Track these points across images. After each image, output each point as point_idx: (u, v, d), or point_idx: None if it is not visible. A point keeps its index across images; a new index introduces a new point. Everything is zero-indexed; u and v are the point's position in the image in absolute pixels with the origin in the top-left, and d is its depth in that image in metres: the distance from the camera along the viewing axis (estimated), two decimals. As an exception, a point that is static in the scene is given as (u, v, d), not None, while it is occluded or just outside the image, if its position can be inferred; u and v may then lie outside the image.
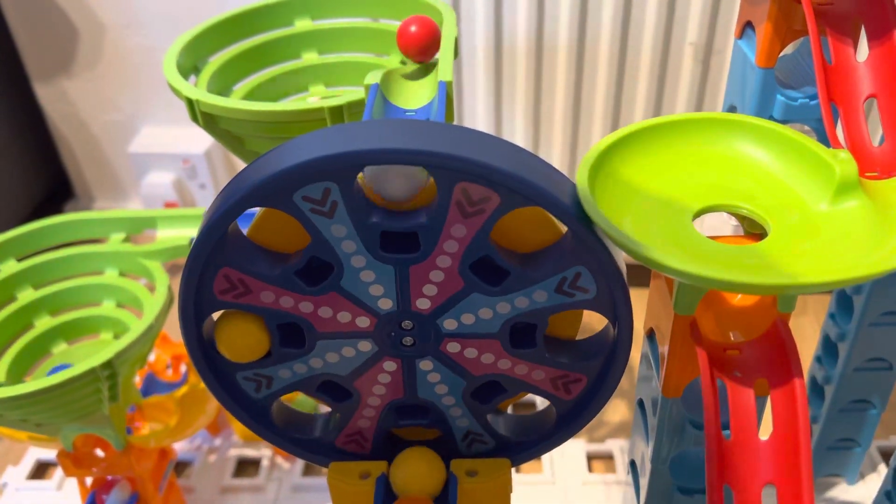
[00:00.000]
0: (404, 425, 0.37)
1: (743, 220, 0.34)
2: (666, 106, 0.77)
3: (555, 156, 0.82)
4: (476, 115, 0.80)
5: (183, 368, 0.73)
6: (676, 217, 0.31)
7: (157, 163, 0.96)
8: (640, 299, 0.32)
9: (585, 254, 0.31)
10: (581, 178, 0.31)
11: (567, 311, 0.34)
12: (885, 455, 0.68)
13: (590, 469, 0.70)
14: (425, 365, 0.35)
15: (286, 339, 0.35)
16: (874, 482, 0.66)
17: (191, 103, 0.43)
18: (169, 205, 0.97)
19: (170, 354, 0.73)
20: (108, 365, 0.48)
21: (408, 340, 0.34)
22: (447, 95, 0.39)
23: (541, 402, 0.73)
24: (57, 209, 1.06)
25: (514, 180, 0.29)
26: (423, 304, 0.33)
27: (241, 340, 0.33)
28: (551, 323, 0.34)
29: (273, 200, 0.30)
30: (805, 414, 0.29)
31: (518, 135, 0.81)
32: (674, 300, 0.31)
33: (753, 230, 0.34)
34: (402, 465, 0.37)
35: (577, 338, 0.36)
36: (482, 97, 0.78)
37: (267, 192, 0.29)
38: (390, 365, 0.35)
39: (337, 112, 0.42)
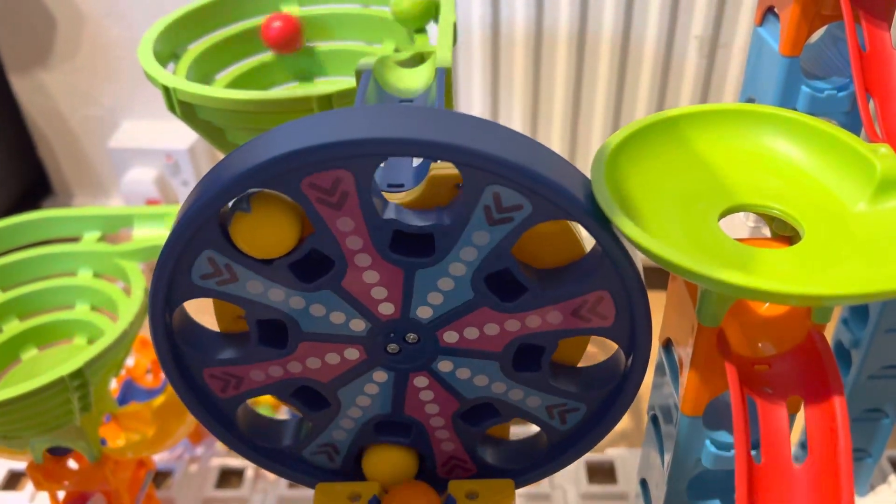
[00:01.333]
0: (382, 441, 0.34)
1: (771, 221, 0.31)
2: (669, 100, 0.75)
3: (553, 149, 0.79)
4: (472, 106, 0.76)
5: (164, 374, 0.69)
6: (701, 218, 0.28)
7: (139, 159, 0.92)
8: (654, 303, 0.30)
9: (613, 277, 0.28)
10: (596, 173, 0.28)
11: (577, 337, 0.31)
12: (897, 466, 0.66)
13: (589, 480, 0.67)
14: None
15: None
16: (885, 494, 0.63)
17: (167, 91, 0.40)
18: (151, 202, 0.93)
19: (150, 359, 0.70)
20: (78, 374, 0.45)
21: (393, 348, 0.31)
22: (446, 83, 0.36)
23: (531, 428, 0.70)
24: (34, 206, 1.02)
25: (553, 190, 0.26)
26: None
27: (265, 232, 0.28)
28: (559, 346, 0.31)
29: (276, 184, 0.26)
30: (847, 435, 0.26)
31: (515, 127, 0.78)
32: (698, 309, 0.28)
33: (782, 232, 0.31)
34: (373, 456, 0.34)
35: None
36: (478, 87, 0.75)
37: (270, 174, 0.25)
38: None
39: (325, 101, 0.39)
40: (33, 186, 1.04)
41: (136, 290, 0.50)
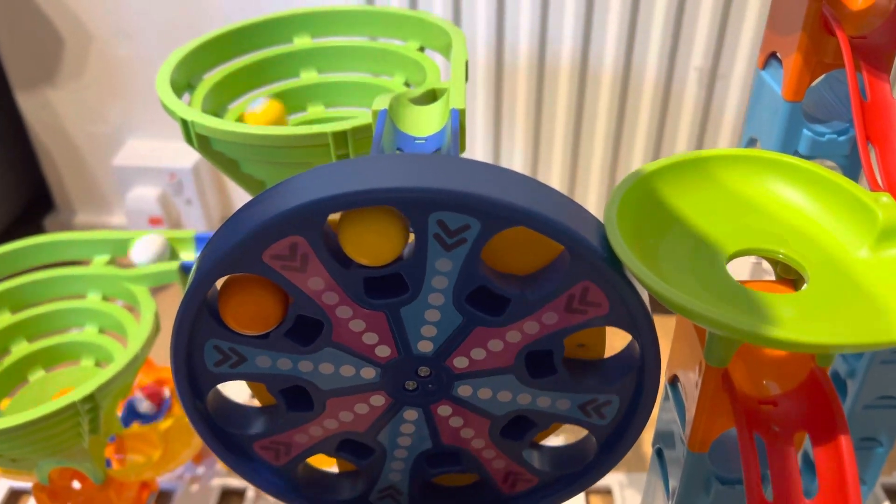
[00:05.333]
0: (437, 474, 0.35)
1: (776, 265, 0.32)
2: (668, 129, 0.76)
3: (554, 177, 0.80)
4: (475, 133, 0.78)
5: (166, 394, 0.70)
6: (710, 260, 0.30)
7: (143, 177, 0.93)
8: (662, 329, 0.30)
9: (586, 267, 0.28)
10: (609, 217, 0.29)
11: (588, 330, 0.31)
12: (891, 493, 0.67)
13: (588, 504, 0.68)
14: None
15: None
16: (879, 521, 0.64)
17: (185, 124, 0.41)
18: (154, 220, 0.94)
19: (152, 379, 0.70)
20: (89, 399, 0.45)
21: (411, 385, 0.32)
22: (460, 124, 0.37)
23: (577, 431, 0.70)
24: (36, 222, 1.02)
25: (489, 203, 0.26)
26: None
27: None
28: (572, 345, 0.32)
29: (244, 266, 0.28)
30: (853, 471, 0.27)
31: (517, 155, 0.79)
32: (706, 350, 0.29)
33: (787, 275, 0.32)
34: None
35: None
36: (481, 116, 0.76)
37: (233, 260, 0.28)
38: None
39: (341, 137, 0.40)
40: (35, 202, 1.04)
41: (145, 314, 0.51)
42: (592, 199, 0.81)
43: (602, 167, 0.79)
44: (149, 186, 0.93)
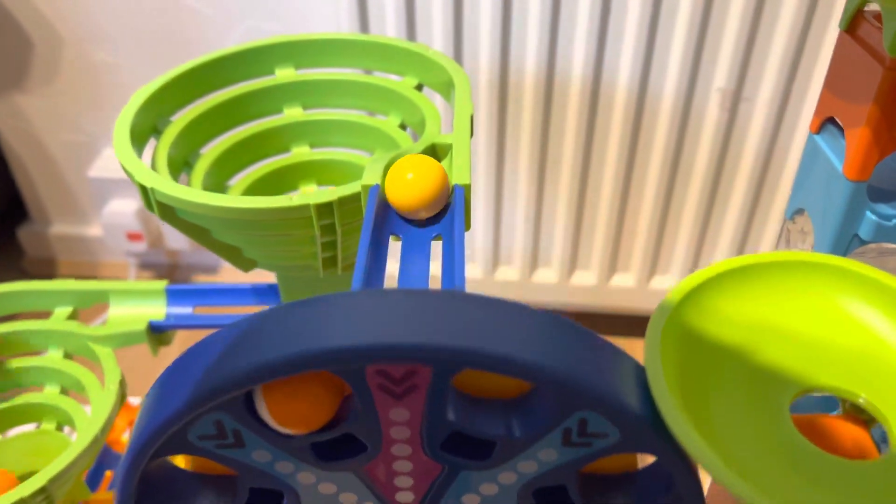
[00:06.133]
0: None
1: (844, 401, 0.27)
2: (686, 155, 0.70)
3: (560, 207, 0.74)
4: (476, 157, 0.72)
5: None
6: (770, 402, 0.24)
7: (120, 189, 0.87)
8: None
9: (579, 398, 0.23)
10: (651, 360, 0.23)
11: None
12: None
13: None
14: None
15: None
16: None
17: (145, 191, 0.35)
18: (132, 236, 0.88)
19: (127, 421, 0.65)
20: (41, 491, 0.40)
21: None
22: (465, 201, 0.32)
23: None
24: (10, 231, 0.97)
25: (648, 426, 0.22)
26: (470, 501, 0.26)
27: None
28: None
29: (342, 372, 0.22)
30: None
31: (521, 185, 0.73)
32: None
33: (858, 414, 0.27)
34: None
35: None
36: (483, 136, 0.70)
37: (333, 361, 0.21)
38: None
39: (326, 209, 0.34)
40: (9, 212, 0.99)
41: (109, 381, 0.46)
42: (601, 230, 0.76)
43: (613, 194, 0.73)
44: (127, 199, 0.87)
